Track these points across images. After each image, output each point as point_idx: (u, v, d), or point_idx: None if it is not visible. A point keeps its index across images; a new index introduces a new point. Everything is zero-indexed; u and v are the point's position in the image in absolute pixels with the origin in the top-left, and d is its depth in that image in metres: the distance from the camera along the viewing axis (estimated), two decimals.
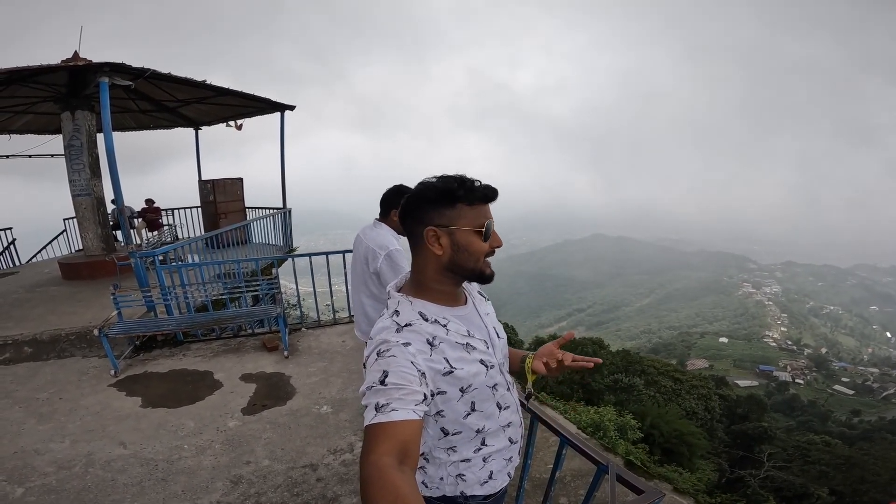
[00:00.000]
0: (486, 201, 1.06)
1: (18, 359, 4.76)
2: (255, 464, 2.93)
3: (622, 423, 11.15)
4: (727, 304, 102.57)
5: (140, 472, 2.84)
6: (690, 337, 70.57)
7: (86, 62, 5.42)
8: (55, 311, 5.89)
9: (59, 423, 3.48)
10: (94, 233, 7.69)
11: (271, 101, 8.21)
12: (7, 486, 2.72)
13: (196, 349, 5.03)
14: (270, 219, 9.44)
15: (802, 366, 56.21)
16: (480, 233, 1.04)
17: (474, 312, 1.17)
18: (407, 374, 0.92)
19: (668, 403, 21.50)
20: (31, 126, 8.94)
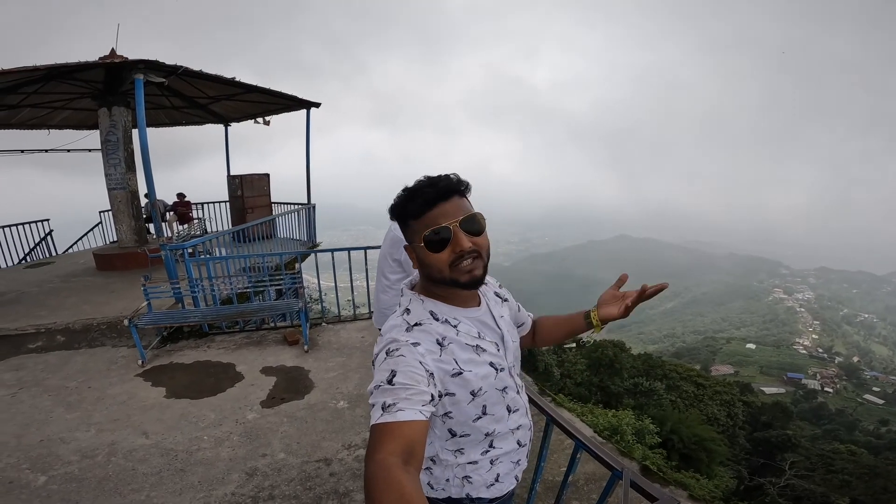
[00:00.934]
0: (434, 204, 0.98)
1: (51, 347, 4.94)
2: (271, 457, 2.97)
3: (640, 427, 10.95)
4: (756, 310, 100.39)
5: (160, 462, 2.91)
6: (716, 342, 68.93)
7: (122, 59, 5.57)
8: (88, 300, 6.09)
9: (86, 411, 3.59)
10: (127, 225, 7.94)
11: (298, 98, 8.32)
12: (31, 474, 2.81)
13: (220, 341, 5.13)
14: (295, 214, 9.59)
15: (832, 374, 54.55)
16: (430, 244, 0.97)
17: (488, 314, 1.14)
18: (415, 374, 0.91)
19: (689, 409, 21.30)
20: (70, 121, 9.27)
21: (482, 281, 1.03)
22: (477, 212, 1.01)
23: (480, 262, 1.01)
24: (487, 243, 1.03)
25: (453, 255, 0.97)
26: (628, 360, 24.71)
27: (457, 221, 0.96)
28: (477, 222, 1.00)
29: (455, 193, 1.00)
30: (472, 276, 0.99)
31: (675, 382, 24.10)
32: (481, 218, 1.01)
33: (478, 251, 0.99)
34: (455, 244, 0.96)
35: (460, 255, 0.97)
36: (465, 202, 1.01)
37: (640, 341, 77.57)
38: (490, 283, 1.23)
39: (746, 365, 57.14)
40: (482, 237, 1.01)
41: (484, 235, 1.02)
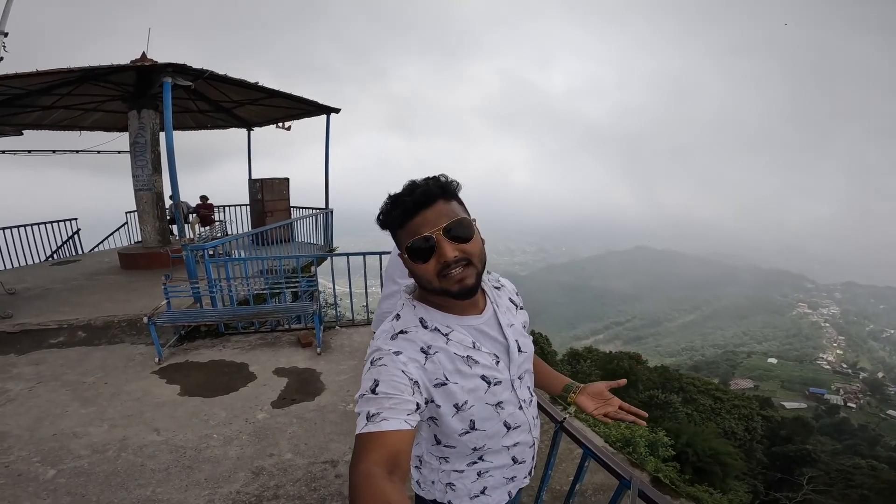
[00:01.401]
0: (415, 212, 0.92)
1: (72, 343, 5.06)
2: (278, 456, 2.97)
3: (654, 439, 10.72)
4: (779, 324, 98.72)
5: (168, 458, 2.94)
6: (736, 356, 67.91)
7: (152, 63, 5.75)
8: (111, 298, 6.24)
9: (101, 407, 3.66)
10: (152, 226, 8.15)
11: (318, 104, 8.45)
12: (40, 467, 2.86)
13: (235, 341, 5.19)
14: (312, 218, 9.70)
15: (856, 389, 53.31)
16: (413, 255, 0.93)
17: (492, 323, 1.07)
18: (398, 384, 0.89)
19: (705, 422, 21.09)
20: (101, 123, 9.57)
21: (475, 290, 0.96)
22: (463, 216, 0.93)
23: (472, 269, 0.94)
24: (478, 248, 0.95)
25: (439, 265, 0.91)
26: (644, 372, 24.52)
27: (439, 230, 0.90)
28: (463, 228, 0.92)
29: (437, 199, 0.93)
30: (463, 285, 0.93)
31: (692, 396, 23.85)
32: (468, 223, 0.94)
33: (467, 258, 0.92)
34: (440, 254, 0.91)
35: (446, 264, 0.91)
36: (450, 206, 0.94)
37: (656, 354, 76.56)
38: (506, 288, 1.19)
39: (767, 379, 56.25)
40: (471, 243, 0.93)
41: (474, 241, 0.94)
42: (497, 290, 1.14)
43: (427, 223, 0.91)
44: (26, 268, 8.66)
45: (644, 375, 24.16)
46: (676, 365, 52.98)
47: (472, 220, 0.95)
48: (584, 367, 23.93)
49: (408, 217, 0.92)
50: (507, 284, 1.20)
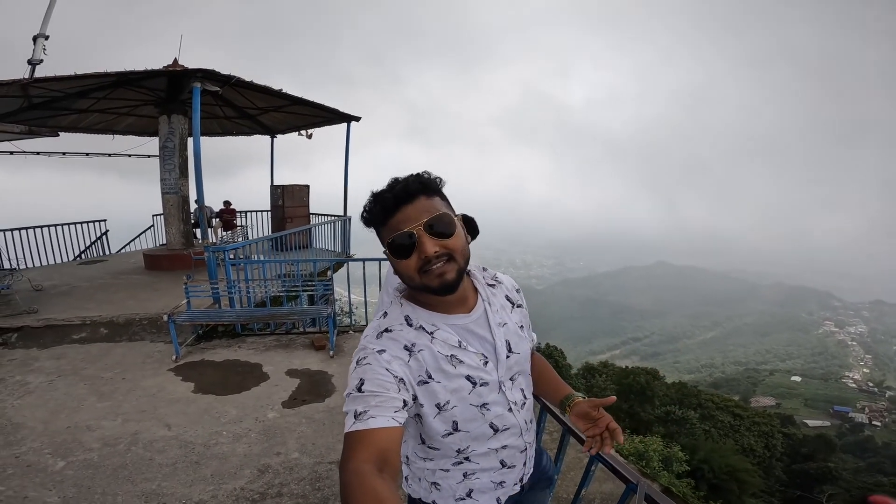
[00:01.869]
0: (396, 209, 0.92)
1: (94, 339, 5.20)
2: (285, 455, 2.98)
3: (668, 454, 10.49)
4: (804, 343, 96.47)
5: (177, 453, 2.98)
6: (758, 374, 66.51)
7: (182, 68, 5.94)
8: (134, 296, 6.42)
9: (116, 401, 3.73)
10: (176, 228, 8.37)
11: (339, 112, 8.60)
12: (51, 458, 2.91)
13: (251, 342, 5.26)
14: (330, 225, 9.82)
15: (882, 408, 51.72)
16: (394, 251, 0.93)
17: (482, 321, 1.04)
18: (383, 382, 0.89)
19: (723, 439, 20.80)
20: (133, 128, 9.91)
21: (455, 285, 0.94)
22: (444, 212, 0.93)
23: (453, 265, 0.93)
24: (461, 244, 0.94)
25: (420, 261, 0.91)
26: (661, 388, 24.21)
27: (420, 225, 0.90)
28: (444, 223, 0.92)
29: (418, 195, 0.92)
30: (443, 280, 0.92)
31: (711, 412, 23.53)
32: (450, 218, 0.93)
33: (448, 254, 0.92)
34: (420, 250, 0.90)
35: (427, 259, 0.91)
36: (432, 202, 0.93)
37: (674, 370, 75.22)
38: (504, 285, 1.15)
39: (790, 397, 55.04)
40: (453, 238, 0.93)
41: (455, 236, 0.93)
42: (491, 288, 1.10)
43: (408, 219, 0.91)
44: (55, 266, 8.97)
45: (661, 391, 23.83)
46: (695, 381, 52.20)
47: (454, 217, 0.95)
48: (600, 382, 23.58)
49: (389, 213, 0.92)
50: (505, 281, 1.16)
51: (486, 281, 1.11)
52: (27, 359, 4.67)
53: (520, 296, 1.17)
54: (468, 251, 0.97)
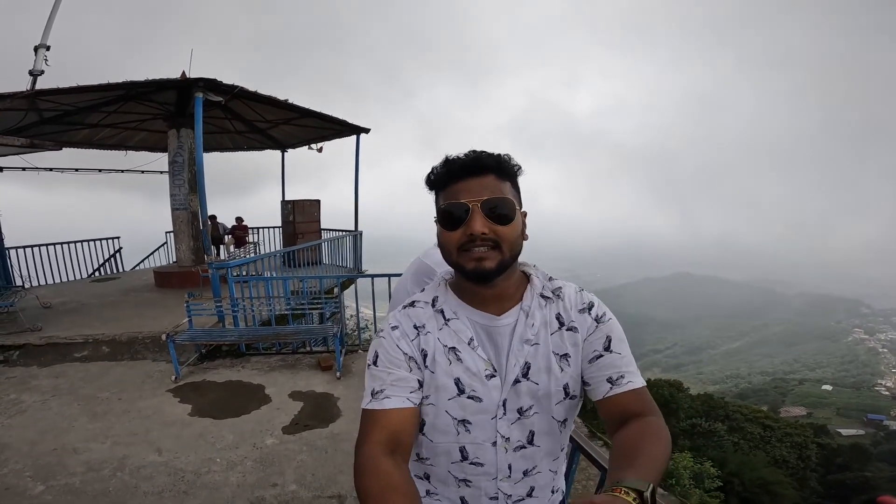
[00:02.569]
0: (461, 177, 0.85)
1: (95, 357, 5.05)
2: (282, 487, 2.73)
3: (699, 470, 10.01)
4: (833, 351, 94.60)
5: (165, 481, 2.75)
6: (787, 384, 65.18)
7: (184, 78, 5.87)
8: (141, 314, 6.30)
9: (108, 423, 3.54)
10: (186, 245, 8.30)
11: (348, 123, 8.50)
12: (31, 481, 2.73)
13: (255, 362, 5.05)
14: (341, 241, 9.65)
15: None
16: (443, 219, 0.86)
17: (505, 332, 0.89)
18: (393, 358, 0.89)
19: (753, 451, 20.21)
20: (146, 143, 9.95)
21: (491, 276, 0.84)
22: (508, 198, 0.84)
23: (497, 254, 0.83)
24: (514, 236, 0.85)
25: (465, 237, 0.83)
26: (685, 400, 23.68)
27: (479, 200, 0.82)
28: (505, 208, 0.83)
29: (489, 171, 0.85)
30: (480, 266, 0.82)
31: (739, 424, 22.96)
32: (512, 206, 0.84)
33: (496, 241, 0.82)
34: (469, 225, 0.82)
35: (472, 238, 0.82)
36: (501, 185, 0.85)
37: (698, 381, 73.72)
38: (563, 301, 0.92)
39: (821, 407, 53.94)
40: (508, 227, 0.83)
41: (512, 227, 0.84)
42: (543, 300, 0.92)
43: (469, 191, 0.84)
44: (67, 283, 8.98)
45: (685, 403, 23.27)
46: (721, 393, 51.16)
47: (517, 208, 0.86)
48: None
49: (452, 180, 0.86)
50: (569, 296, 0.93)
51: (542, 291, 0.94)
52: (26, 377, 4.54)
53: (585, 316, 0.91)
54: (519, 248, 0.88)
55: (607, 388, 0.85)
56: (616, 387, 0.85)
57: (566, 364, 0.89)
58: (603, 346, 0.88)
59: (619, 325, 0.91)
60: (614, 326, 0.90)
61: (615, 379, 0.85)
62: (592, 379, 0.88)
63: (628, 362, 0.88)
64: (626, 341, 0.91)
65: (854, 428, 46.02)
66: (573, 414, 0.93)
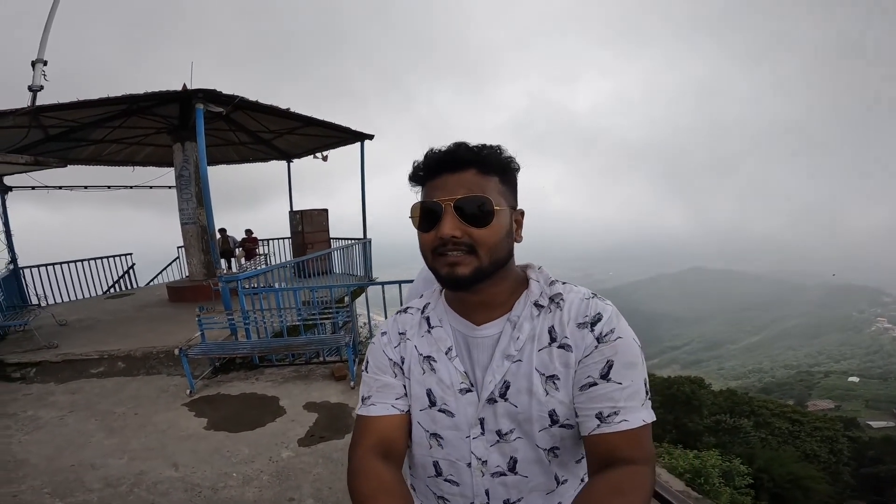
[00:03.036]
0: (437, 173, 0.78)
1: (111, 373, 5.07)
2: (299, 501, 2.68)
3: (728, 468, 9.84)
4: (857, 342, 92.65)
5: (182, 497, 2.73)
6: (812, 376, 63.71)
7: (183, 90, 5.91)
8: (154, 329, 6.34)
9: (125, 438, 3.54)
10: (197, 259, 8.35)
11: (352, 131, 8.50)
12: (49, 498, 2.73)
13: (269, 374, 5.04)
14: (350, 249, 9.65)
15: None
16: (419, 218, 0.79)
17: (486, 344, 0.81)
18: (381, 364, 0.88)
19: (782, 446, 20.03)
20: (152, 158, 10.03)
21: (465, 283, 0.75)
22: (487, 197, 0.74)
23: (472, 259, 0.75)
24: (493, 239, 0.75)
25: (437, 240, 0.75)
26: (708, 396, 23.37)
27: (451, 200, 0.74)
28: (479, 208, 0.74)
29: (468, 166, 0.76)
30: (453, 272, 0.75)
31: (766, 419, 22.58)
32: (491, 205, 0.74)
33: (471, 245, 0.74)
34: (439, 227, 0.75)
35: (443, 241, 0.74)
36: (482, 181, 0.76)
37: (720, 377, 72.58)
38: (564, 311, 0.79)
39: (849, 399, 52.59)
40: (485, 229, 0.74)
41: (490, 228, 0.74)
42: (537, 309, 0.80)
43: (443, 188, 0.76)
44: (83, 301, 9.09)
45: (708, 400, 22.92)
46: (744, 388, 50.27)
47: (499, 207, 0.76)
48: None
49: (429, 175, 0.79)
50: (571, 304, 0.79)
51: (537, 299, 0.81)
52: (43, 393, 4.58)
53: (585, 333, 0.76)
54: (502, 252, 0.78)
55: (594, 424, 0.72)
56: (605, 425, 0.71)
57: (553, 387, 0.77)
58: (600, 372, 0.73)
59: (630, 346, 0.74)
60: (622, 348, 0.74)
61: (606, 416, 0.71)
62: (581, 410, 0.74)
63: (630, 395, 0.72)
64: (639, 366, 0.74)
65: (885, 420, 44.85)
66: (571, 444, 0.80)
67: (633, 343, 0.75)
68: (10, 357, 5.32)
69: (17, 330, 6.28)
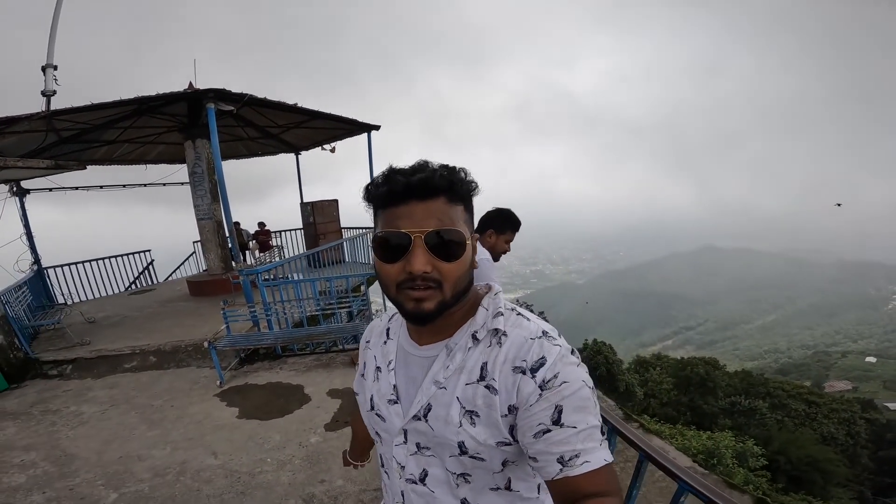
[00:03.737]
0: (404, 199, 0.72)
1: (144, 367, 5.32)
2: (329, 483, 2.86)
3: (742, 449, 9.89)
4: (875, 321, 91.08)
5: (223, 483, 2.92)
6: (829, 357, 62.62)
7: (194, 90, 6.02)
8: (180, 324, 6.56)
9: (165, 430, 3.75)
10: (215, 253, 8.54)
11: (358, 122, 8.57)
12: (104, 490, 2.93)
13: (292, 363, 5.24)
14: (362, 238, 9.81)
15: None
16: (379, 248, 0.74)
17: (423, 364, 0.82)
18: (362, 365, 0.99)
19: (798, 428, 20.04)
20: (164, 156, 10.21)
21: (431, 317, 0.74)
22: (458, 230, 0.73)
23: (437, 294, 0.72)
24: (459, 274, 0.74)
25: (404, 273, 0.72)
26: (723, 377, 23.25)
27: (422, 232, 0.71)
28: (452, 243, 0.72)
29: (439, 194, 0.73)
30: (419, 308, 0.73)
31: (782, 401, 22.44)
32: (461, 239, 0.73)
33: (438, 280, 0.72)
34: (409, 261, 0.71)
35: (411, 276, 0.71)
36: (450, 210, 0.73)
37: (735, 358, 71.87)
38: (504, 350, 0.76)
39: (867, 380, 51.72)
40: (454, 264, 0.72)
41: (459, 263, 0.73)
42: (475, 342, 0.79)
43: (412, 217, 0.72)
44: (107, 298, 9.37)
45: (723, 381, 22.83)
46: (760, 369, 49.77)
47: (468, 239, 0.74)
48: (654, 376, 22.66)
49: (394, 201, 0.73)
50: (512, 343, 0.76)
51: (476, 330, 0.79)
52: (82, 389, 4.82)
53: (521, 380, 0.73)
54: (463, 283, 0.76)
55: (556, 469, 0.70)
56: (567, 468, 0.69)
57: (469, 422, 0.76)
58: (551, 418, 0.70)
59: (578, 391, 0.71)
60: (569, 392, 0.71)
61: (567, 459, 0.69)
62: (540, 455, 0.71)
63: (586, 436, 0.70)
64: (591, 408, 0.72)
65: None
66: (483, 474, 0.80)
67: (581, 386, 0.71)
68: (45, 355, 5.57)
69: (48, 329, 6.56)
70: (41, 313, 6.85)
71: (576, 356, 0.75)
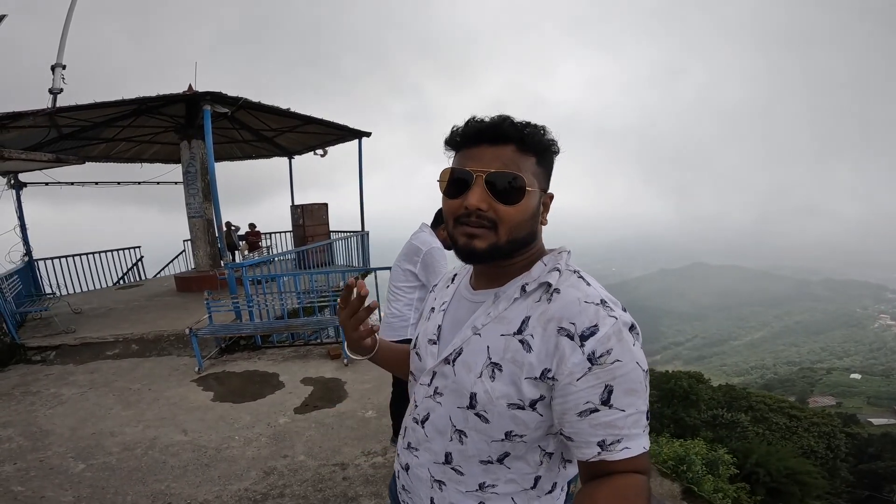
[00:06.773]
0: (475, 142, 0.76)
1: (126, 354, 5.50)
2: (291, 458, 3.07)
3: (713, 458, 10.09)
4: (861, 339, 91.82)
5: (189, 457, 3.11)
6: (814, 373, 63.36)
7: (192, 92, 6.27)
8: (165, 316, 6.74)
9: (140, 410, 3.94)
10: (204, 251, 8.73)
11: (349, 129, 8.85)
12: (73, 461, 3.11)
13: (270, 354, 5.44)
14: (348, 241, 10.06)
15: None
16: (446, 184, 0.78)
17: (470, 308, 0.83)
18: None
19: (779, 441, 20.24)
20: (159, 155, 10.43)
21: (480, 257, 0.76)
22: (524, 176, 0.73)
23: (491, 235, 0.74)
24: (517, 219, 0.74)
25: (461, 208, 0.75)
26: (706, 391, 23.60)
27: (484, 172, 0.73)
28: (513, 186, 0.72)
29: (509, 141, 0.74)
30: (469, 245, 0.75)
31: (764, 414, 22.83)
32: (522, 186, 0.73)
33: (493, 220, 0.73)
34: (466, 196, 0.74)
35: (466, 212, 0.74)
36: (521, 159, 0.74)
37: (721, 373, 72.47)
38: (561, 302, 0.73)
39: (851, 396, 52.40)
40: (512, 208, 0.73)
41: (517, 209, 0.73)
42: (524, 295, 0.77)
43: (479, 159, 0.74)
44: (94, 291, 9.49)
45: (706, 395, 23.12)
46: (745, 384, 50.32)
47: (532, 189, 0.74)
48: None
49: (466, 143, 0.77)
50: (564, 303, 0.73)
51: (527, 282, 0.78)
52: (63, 374, 4.98)
53: (568, 345, 0.69)
54: (522, 233, 0.76)
55: (594, 451, 0.68)
56: (606, 453, 0.67)
57: (489, 375, 0.75)
58: (600, 397, 0.66)
59: (633, 369, 0.67)
60: (621, 372, 0.67)
61: (609, 443, 0.67)
62: (578, 435, 0.69)
63: (633, 422, 0.67)
64: (641, 391, 0.68)
65: (886, 417, 44.65)
66: (479, 439, 0.78)
67: (634, 367, 0.67)
68: (30, 341, 5.72)
69: (35, 317, 6.71)
70: (29, 301, 7.00)
71: (634, 333, 0.70)
